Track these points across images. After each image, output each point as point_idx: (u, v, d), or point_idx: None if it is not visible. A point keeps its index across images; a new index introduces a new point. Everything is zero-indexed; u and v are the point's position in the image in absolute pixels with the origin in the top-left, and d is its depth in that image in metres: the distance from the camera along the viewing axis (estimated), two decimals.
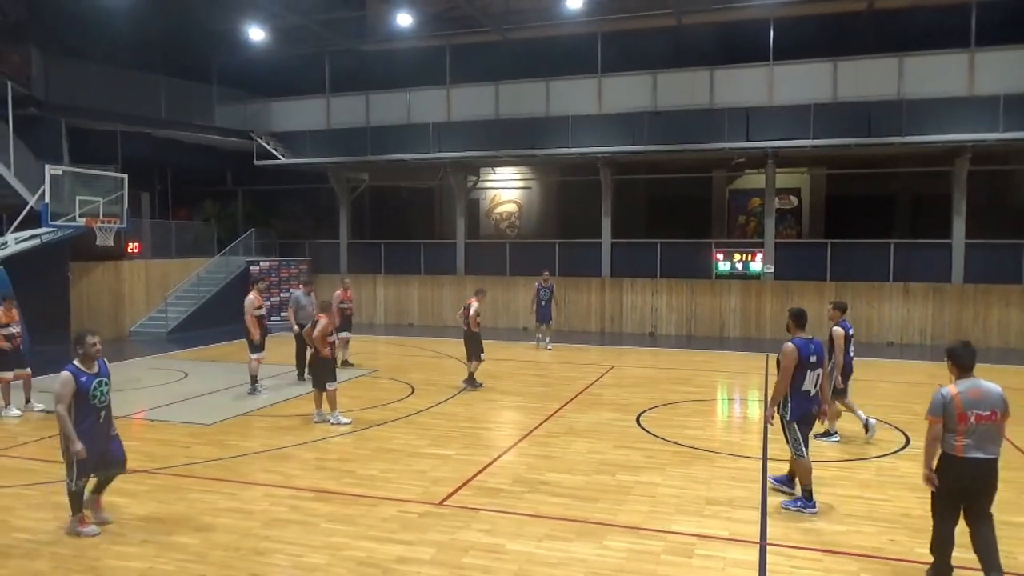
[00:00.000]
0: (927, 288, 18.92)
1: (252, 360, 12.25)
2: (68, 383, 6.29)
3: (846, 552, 6.04)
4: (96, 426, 6.42)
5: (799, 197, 23.95)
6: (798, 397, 6.95)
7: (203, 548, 6.11)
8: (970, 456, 5.23)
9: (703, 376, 14.51)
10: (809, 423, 7.10)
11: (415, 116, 22.53)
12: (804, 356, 6.99)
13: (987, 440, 5.24)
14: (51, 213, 14.72)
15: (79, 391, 6.30)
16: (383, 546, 6.13)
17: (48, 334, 16.37)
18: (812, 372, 6.98)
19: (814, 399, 7.03)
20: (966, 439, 5.23)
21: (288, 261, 23.70)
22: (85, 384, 6.36)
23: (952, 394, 5.27)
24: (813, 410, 7.06)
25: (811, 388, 6.99)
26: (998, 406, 5.25)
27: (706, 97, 19.82)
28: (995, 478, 5.31)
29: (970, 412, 5.21)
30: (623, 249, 21.75)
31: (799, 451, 7.00)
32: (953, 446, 5.26)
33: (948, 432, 5.27)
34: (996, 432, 5.27)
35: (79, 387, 6.31)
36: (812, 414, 7.07)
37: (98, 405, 6.44)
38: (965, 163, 18.52)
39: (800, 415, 6.98)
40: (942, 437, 5.29)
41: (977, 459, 5.23)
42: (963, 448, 5.23)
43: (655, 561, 5.85)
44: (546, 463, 8.47)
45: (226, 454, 8.83)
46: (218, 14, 21.83)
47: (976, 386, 5.30)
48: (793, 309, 7.58)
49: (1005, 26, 17.92)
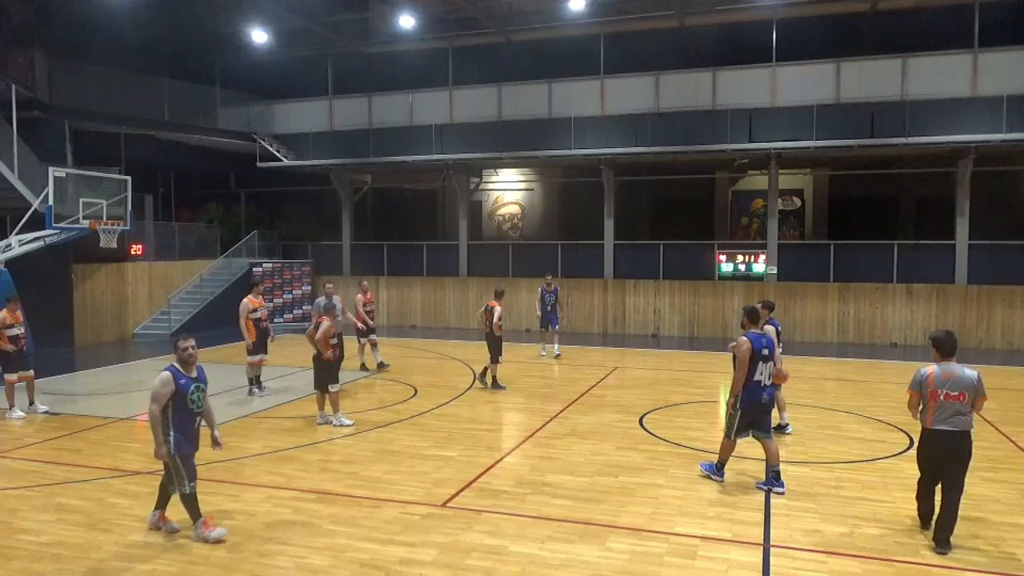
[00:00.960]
0: (930, 289, 18.88)
1: (249, 362, 12.26)
2: (168, 383, 6.17)
3: (849, 554, 6.02)
4: (192, 431, 6.33)
5: (802, 198, 23.94)
6: (749, 386, 7.56)
7: (206, 550, 6.11)
8: (938, 428, 6.14)
9: (706, 378, 14.49)
10: (756, 411, 7.62)
11: (418, 118, 22.55)
12: (757, 349, 7.57)
13: (954, 415, 6.09)
14: (55, 215, 14.73)
15: (177, 393, 6.19)
16: (386, 548, 6.13)
17: (52, 336, 16.45)
18: (764, 364, 7.58)
19: (764, 389, 7.59)
20: (935, 413, 6.15)
21: (291, 263, 23.73)
22: (184, 387, 6.25)
23: (928, 373, 6.22)
24: (763, 399, 7.60)
25: (762, 379, 7.57)
26: (968, 389, 6.10)
27: (709, 98, 19.82)
28: (963, 449, 6.12)
29: (940, 390, 6.12)
30: (626, 251, 21.74)
31: (728, 433, 7.76)
32: (925, 419, 6.22)
33: (923, 407, 6.24)
34: (965, 410, 6.10)
35: (178, 389, 6.20)
36: (761, 403, 7.61)
37: (195, 410, 6.35)
38: (968, 164, 18.49)
39: (748, 403, 7.57)
40: (919, 411, 6.28)
41: (944, 431, 6.12)
42: (932, 421, 6.16)
43: (658, 563, 5.84)
44: (549, 465, 8.47)
45: (229, 456, 8.83)
46: (221, 17, 21.89)
47: (950, 369, 6.19)
48: (746, 307, 8.24)
49: (1008, 27, 17.93)
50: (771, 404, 7.84)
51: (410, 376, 14.05)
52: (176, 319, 20.64)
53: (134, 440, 9.74)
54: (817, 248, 20.90)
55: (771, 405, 7.84)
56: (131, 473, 8.14)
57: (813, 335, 19.55)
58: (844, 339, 19.35)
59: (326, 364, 10.24)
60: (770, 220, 20.39)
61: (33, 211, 15.38)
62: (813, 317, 19.66)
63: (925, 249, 19.65)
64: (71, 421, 10.62)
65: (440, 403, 11.77)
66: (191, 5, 21.55)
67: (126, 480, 7.93)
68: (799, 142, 18.75)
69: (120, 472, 8.16)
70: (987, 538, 6.34)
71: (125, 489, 7.64)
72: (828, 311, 19.58)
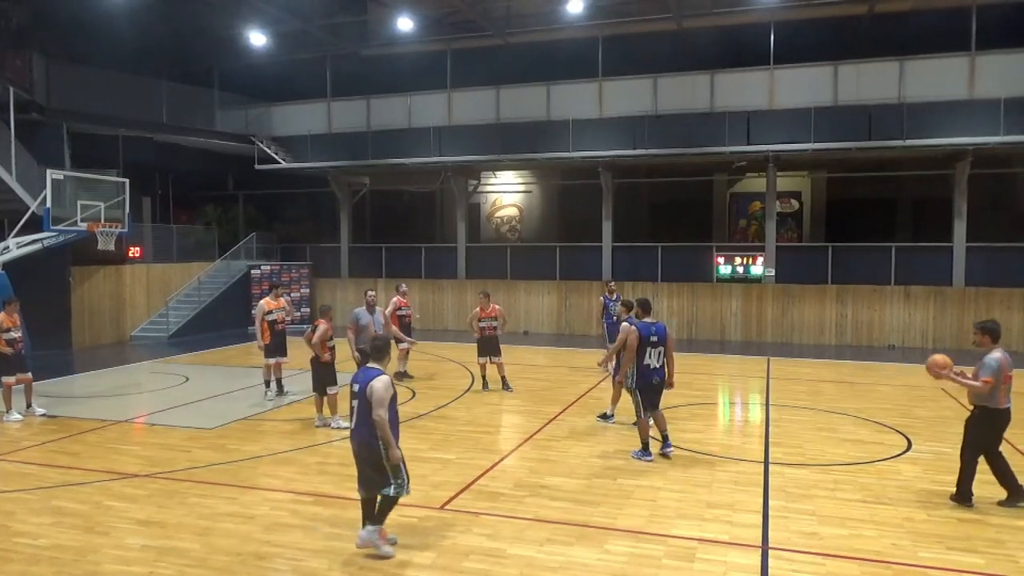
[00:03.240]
0: (928, 291, 18.91)
1: (265, 364, 12.22)
2: (391, 387, 6.01)
3: (848, 556, 6.02)
4: (398, 430, 6.22)
5: (800, 200, 23.96)
6: (640, 369, 8.64)
7: (204, 553, 6.10)
8: (1006, 407, 7.03)
9: (704, 379, 14.49)
10: (650, 391, 8.68)
11: (416, 120, 22.56)
12: (645, 336, 8.67)
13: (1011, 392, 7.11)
14: (52, 217, 14.75)
15: (394, 396, 6.09)
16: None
17: (49, 338, 16.43)
18: (653, 349, 8.66)
19: (655, 372, 8.66)
20: (1006, 394, 7.00)
21: (289, 265, 23.74)
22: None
23: (1000, 359, 6.96)
24: (653, 381, 8.67)
25: (652, 362, 8.65)
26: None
27: (707, 101, 19.85)
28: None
29: (1011, 372, 7.04)
30: (624, 253, 21.75)
31: (638, 413, 8.72)
32: (998, 400, 6.97)
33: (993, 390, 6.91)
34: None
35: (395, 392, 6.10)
36: (652, 384, 8.67)
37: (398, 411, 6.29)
38: (966, 166, 18.52)
39: (641, 384, 8.68)
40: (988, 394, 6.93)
41: (1009, 408, 7.07)
42: (1004, 400, 6.99)
43: (656, 565, 5.84)
44: (547, 467, 8.46)
45: (227, 458, 8.83)
46: (220, 19, 21.87)
47: (1006, 354, 7.09)
48: (640, 298, 9.28)
49: (1005, 29, 17.95)
50: (663, 385, 8.80)
51: (408, 378, 14.04)
52: (174, 321, 20.63)
53: (131, 443, 9.74)
54: (815, 250, 20.92)
55: (663, 385, 8.81)
56: (129, 476, 8.13)
57: (811, 337, 19.56)
58: (842, 341, 19.37)
59: (324, 366, 10.25)
60: (768, 222, 20.41)
61: (31, 213, 15.40)
62: (811, 319, 19.68)
63: (923, 251, 19.67)
64: (68, 424, 10.61)
65: (438, 405, 11.77)
66: (189, 7, 21.55)
67: (124, 483, 7.92)
68: (797, 144, 18.77)
69: (118, 475, 8.15)
70: (985, 540, 6.34)
71: (123, 492, 7.63)
72: (826, 313, 19.60)
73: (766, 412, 11.52)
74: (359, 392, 6.03)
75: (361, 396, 6.01)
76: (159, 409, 11.64)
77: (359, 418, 6.03)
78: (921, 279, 19.06)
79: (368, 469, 6.05)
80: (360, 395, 6.02)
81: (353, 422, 6.09)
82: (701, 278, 20.72)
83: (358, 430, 6.04)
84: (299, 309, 22.73)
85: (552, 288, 21.98)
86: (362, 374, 6.11)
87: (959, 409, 11.64)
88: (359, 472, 6.14)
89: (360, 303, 12.09)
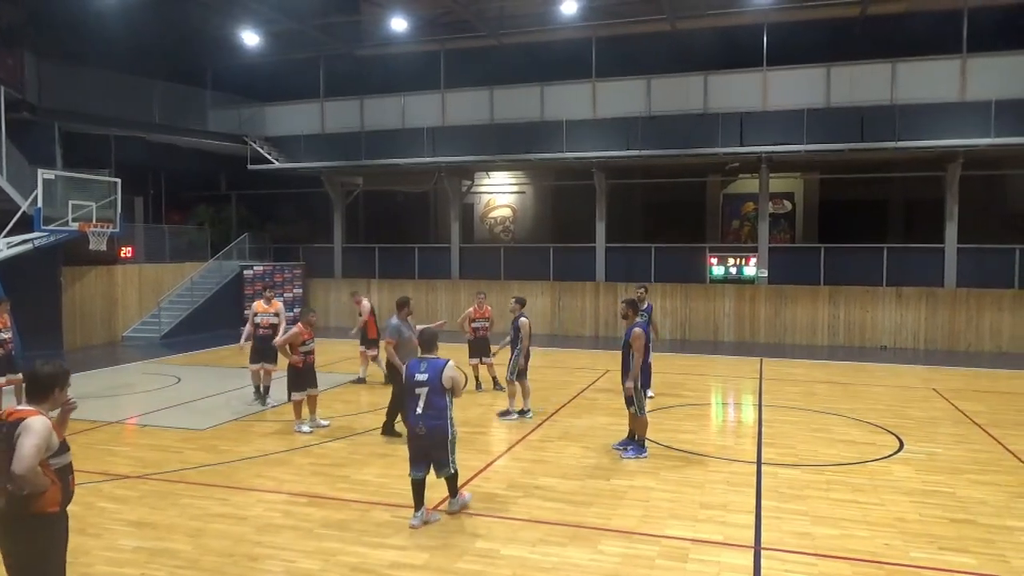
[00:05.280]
0: (920, 292, 19.00)
1: (250, 370, 11.87)
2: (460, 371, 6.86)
3: (840, 556, 6.04)
4: None
5: (793, 201, 24.05)
6: (645, 369, 9.12)
7: (195, 554, 6.08)
8: None
9: (696, 380, 14.52)
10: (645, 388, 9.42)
11: (410, 120, 22.54)
12: (648, 336, 9.11)
13: None
14: (44, 217, 14.66)
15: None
16: (376, 551, 6.11)
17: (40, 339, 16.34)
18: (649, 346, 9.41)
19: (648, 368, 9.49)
20: None
21: (282, 265, 23.67)
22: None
23: None
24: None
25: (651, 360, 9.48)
26: None
27: (700, 102, 19.90)
28: None
29: None
30: (618, 253, 21.78)
31: (642, 411, 8.84)
32: None
33: None
34: None
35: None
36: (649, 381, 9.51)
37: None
38: (957, 168, 18.62)
39: (644, 383, 9.27)
40: None
41: None
42: None
43: (649, 566, 5.85)
44: (540, 468, 8.46)
45: (219, 459, 8.79)
46: (213, 18, 21.82)
47: None
48: (629, 299, 9.22)
49: (996, 32, 18.07)
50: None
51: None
52: (166, 322, 20.55)
53: (123, 443, 9.70)
54: (807, 251, 20.99)
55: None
56: (120, 477, 8.10)
57: (803, 338, 19.63)
58: (834, 342, 19.44)
59: (292, 371, 10.07)
60: (761, 223, 20.47)
61: (22, 213, 15.31)
62: (803, 320, 19.74)
63: (914, 252, 19.77)
64: None
65: None
66: (182, 7, 21.48)
67: (115, 484, 7.88)
68: (790, 146, 18.85)
69: (109, 476, 8.11)
70: (976, 540, 6.37)
71: (114, 493, 7.59)
72: (818, 314, 19.67)
73: (759, 413, 11.55)
74: (429, 380, 6.59)
75: (433, 384, 6.58)
76: (151, 410, 11.59)
77: (428, 404, 6.57)
78: (913, 280, 19.15)
79: (437, 451, 6.65)
80: (431, 383, 6.58)
81: (420, 408, 6.58)
82: (694, 279, 20.77)
83: (429, 416, 6.57)
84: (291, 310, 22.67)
85: (546, 289, 21.99)
86: (426, 364, 6.69)
87: (951, 410, 11.71)
88: (423, 456, 6.66)
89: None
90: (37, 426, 3.98)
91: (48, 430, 4.03)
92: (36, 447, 3.91)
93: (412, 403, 6.63)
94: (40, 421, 4.02)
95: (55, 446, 4.08)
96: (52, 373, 4.23)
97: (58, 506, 4.13)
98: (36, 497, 4.00)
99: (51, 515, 4.11)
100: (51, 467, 4.07)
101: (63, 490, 4.15)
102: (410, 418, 6.70)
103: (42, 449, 3.96)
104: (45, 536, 4.11)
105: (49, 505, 4.07)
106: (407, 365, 7.01)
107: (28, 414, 4.04)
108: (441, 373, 6.58)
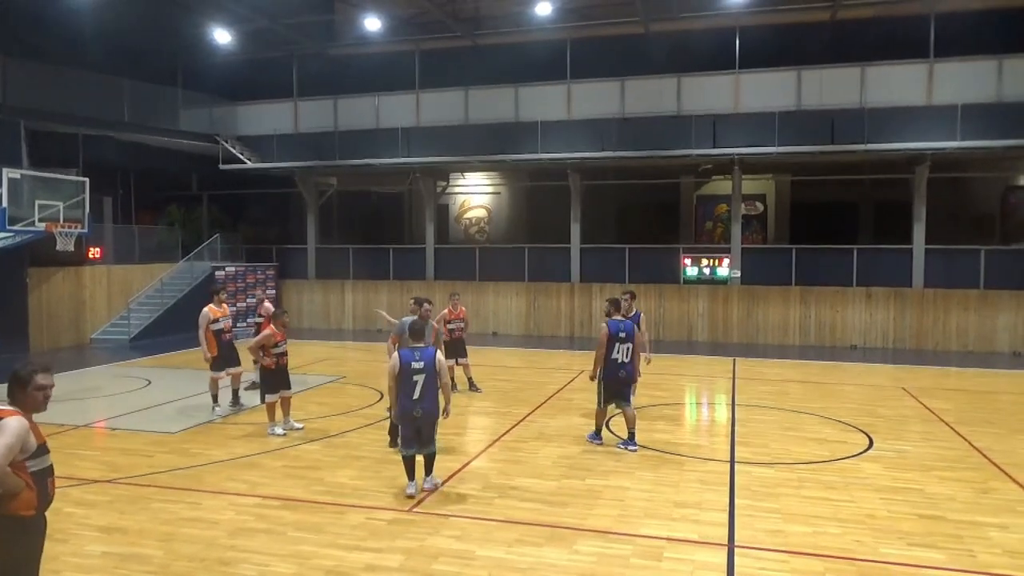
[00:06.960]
0: (889, 293, 19.31)
1: (212, 378, 11.18)
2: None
3: (812, 553, 6.11)
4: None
5: (764, 203, 24.31)
6: (608, 364, 9.04)
7: (166, 559, 5.98)
8: None
9: (671, 380, 14.62)
10: (615, 384, 9.08)
11: (384, 121, 22.43)
12: (613, 332, 9.04)
13: None
14: (9, 218, 14.40)
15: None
16: (351, 554, 6.06)
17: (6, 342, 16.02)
18: (621, 345, 9.03)
19: (621, 366, 9.05)
20: None
21: (254, 266, 23.42)
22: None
23: None
24: (620, 374, 9.07)
25: (619, 357, 9.02)
26: None
27: (673, 104, 20.06)
28: None
29: None
30: (592, 254, 21.87)
31: (599, 402, 9.24)
32: None
33: None
34: None
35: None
36: (619, 377, 9.07)
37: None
38: (925, 171, 18.97)
39: (607, 376, 9.09)
40: None
41: None
42: None
43: (624, 565, 5.87)
44: (516, 468, 8.46)
45: (190, 463, 8.67)
46: (184, 16, 21.53)
47: None
48: (611, 298, 9.59)
49: (963, 38, 18.43)
50: (629, 379, 9.15)
51: (376, 381, 13.93)
52: (136, 324, 20.22)
53: (91, 448, 9.53)
54: (779, 252, 21.24)
55: (629, 379, 9.16)
56: (89, 481, 7.95)
57: (775, 337, 19.86)
58: (805, 341, 19.69)
59: (264, 372, 9.97)
60: (734, 224, 20.68)
61: None
62: (775, 320, 19.97)
63: (883, 253, 20.08)
64: None
65: None
66: (154, 3, 21.17)
67: (83, 489, 7.73)
68: (761, 148, 19.07)
69: (77, 480, 7.96)
70: (945, 536, 6.48)
71: (82, 498, 7.45)
72: (790, 314, 19.91)
73: (732, 412, 11.66)
74: (426, 367, 7.22)
75: (429, 371, 7.23)
76: (120, 413, 11.40)
77: (425, 389, 7.22)
78: (882, 281, 19.46)
79: (428, 428, 7.39)
80: (428, 370, 7.22)
81: (418, 393, 7.21)
82: (668, 279, 20.91)
83: (425, 399, 7.23)
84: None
85: (520, 289, 22.01)
86: (420, 352, 7.27)
87: (919, 408, 11.91)
88: (419, 435, 7.35)
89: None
90: (12, 425, 3.88)
91: (24, 430, 3.93)
92: (8, 447, 3.81)
93: (408, 388, 7.21)
94: (16, 421, 3.92)
95: (32, 448, 3.97)
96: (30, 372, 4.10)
97: (34, 510, 4.01)
98: (8, 499, 3.88)
99: (25, 519, 3.99)
100: (27, 469, 3.96)
101: (40, 494, 4.03)
102: (406, 403, 7.24)
103: (15, 449, 3.85)
104: (17, 540, 4.00)
105: (23, 508, 3.95)
106: (401, 354, 7.38)
107: (5, 414, 3.94)
108: (435, 360, 7.28)
